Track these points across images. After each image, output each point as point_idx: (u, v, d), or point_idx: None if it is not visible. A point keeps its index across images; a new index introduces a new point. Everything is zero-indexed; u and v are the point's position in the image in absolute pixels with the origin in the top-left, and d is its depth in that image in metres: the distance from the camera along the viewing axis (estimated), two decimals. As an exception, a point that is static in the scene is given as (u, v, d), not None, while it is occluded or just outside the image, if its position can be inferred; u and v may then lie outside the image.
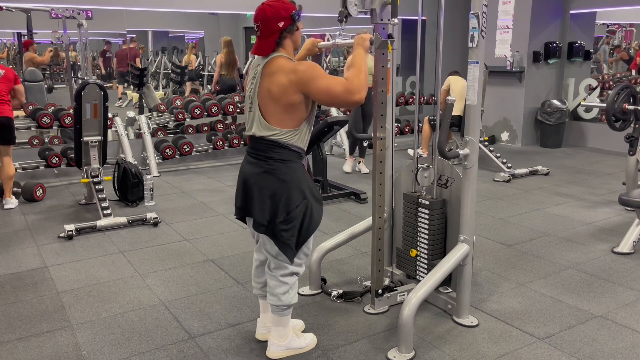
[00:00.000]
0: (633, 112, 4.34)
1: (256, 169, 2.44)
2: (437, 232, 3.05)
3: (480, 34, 2.67)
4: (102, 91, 4.69)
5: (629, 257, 3.91)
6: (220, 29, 10.30)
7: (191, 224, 4.71)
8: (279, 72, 2.33)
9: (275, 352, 2.64)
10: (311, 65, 2.35)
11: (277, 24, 2.32)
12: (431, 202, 3.01)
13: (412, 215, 3.14)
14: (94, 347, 2.76)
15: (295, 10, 2.36)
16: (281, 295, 2.53)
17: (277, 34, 2.34)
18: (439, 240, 3.08)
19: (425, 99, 8.29)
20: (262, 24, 2.34)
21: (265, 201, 2.40)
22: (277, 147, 2.40)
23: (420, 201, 3.07)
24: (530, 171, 6.38)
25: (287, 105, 2.34)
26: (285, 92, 2.31)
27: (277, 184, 2.40)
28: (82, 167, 4.90)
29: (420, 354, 2.68)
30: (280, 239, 2.44)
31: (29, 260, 3.90)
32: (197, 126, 7.24)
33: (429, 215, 3.03)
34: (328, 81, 2.33)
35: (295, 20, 2.36)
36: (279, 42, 2.37)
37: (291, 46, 2.42)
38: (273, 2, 2.35)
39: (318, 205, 2.52)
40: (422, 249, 3.11)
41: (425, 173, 2.99)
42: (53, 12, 5.69)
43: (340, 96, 2.32)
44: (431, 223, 3.03)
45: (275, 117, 2.37)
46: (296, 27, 2.39)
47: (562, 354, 2.67)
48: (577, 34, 8.23)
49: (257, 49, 2.40)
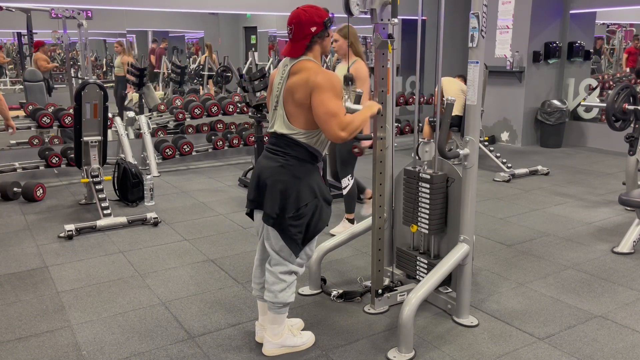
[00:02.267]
0: (633, 112, 4.34)
1: (272, 163, 2.50)
2: (438, 206, 3.03)
3: (480, 34, 2.67)
4: (102, 91, 4.69)
5: (629, 257, 3.91)
6: (220, 29, 10.31)
7: (191, 224, 4.71)
8: (302, 73, 2.40)
9: (270, 350, 2.66)
10: (331, 77, 2.40)
11: (310, 28, 2.41)
12: (432, 177, 2.98)
13: (413, 190, 3.12)
14: (94, 347, 2.76)
15: (328, 17, 2.45)
16: (278, 293, 2.55)
17: (308, 38, 2.43)
18: (440, 215, 3.05)
19: (425, 99, 8.29)
20: (295, 27, 2.43)
21: (277, 195, 2.45)
22: (296, 146, 2.47)
23: (421, 176, 3.06)
24: (530, 171, 6.38)
25: (306, 106, 2.39)
26: (304, 93, 2.37)
27: (290, 179, 2.46)
28: (82, 167, 4.90)
29: (420, 353, 2.68)
30: (288, 233, 2.49)
31: (29, 260, 3.90)
32: (197, 126, 7.24)
33: (429, 189, 3.00)
34: (332, 100, 2.36)
35: (327, 27, 2.46)
36: (309, 46, 2.45)
37: (319, 51, 2.50)
38: (308, 7, 2.45)
39: (327, 207, 2.58)
40: (422, 224, 3.09)
41: (426, 147, 2.97)
42: (53, 12, 5.69)
43: (331, 121, 2.35)
44: (432, 197, 3.00)
45: (297, 117, 2.43)
46: (327, 34, 2.49)
47: (562, 354, 2.68)
48: (577, 34, 8.23)
49: (288, 51, 2.48)
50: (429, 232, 3.05)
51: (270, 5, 7.76)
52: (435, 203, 3.01)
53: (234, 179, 6.26)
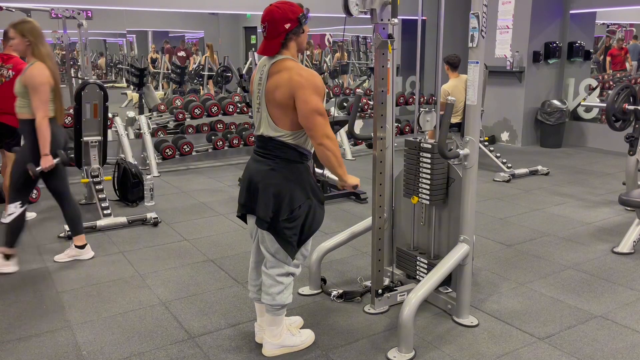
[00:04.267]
0: (633, 112, 4.34)
1: (262, 166, 2.47)
2: (439, 176, 3.02)
3: (480, 34, 2.67)
4: (102, 91, 4.69)
5: (629, 257, 3.91)
6: (220, 29, 10.30)
7: (191, 224, 4.71)
8: (283, 73, 2.36)
9: (270, 350, 2.66)
10: (312, 75, 2.37)
11: (284, 25, 2.36)
12: (433, 146, 2.97)
13: (413, 161, 3.11)
14: (94, 347, 2.76)
15: (302, 12, 2.40)
16: (276, 295, 2.55)
17: (283, 35, 2.37)
18: (441, 186, 3.04)
19: (426, 99, 8.29)
20: (269, 25, 2.39)
21: (270, 198, 2.43)
22: (285, 148, 2.44)
23: (422, 145, 3.05)
24: (530, 171, 6.38)
25: (290, 107, 2.36)
26: (285, 94, 2.34)
27: (282, 182, 2.44)
28: (82, 167, 4.90)
29: (420, 353, 2.68)
30: (283, 236, 2.47)
31: (29, 260, 3.90)
32: (197, 126, 7.24)
33: (431, 159, 3.00)
34: (315, 97, 2.33)
35: (301, 23, 2.40)
36: (284, 44, 2.40)
37: (295, 48, 2.45)
38: (281, 3, 2.40)
39: (321, 207, 2.56)
40: (423, 194, 3.07)
41: (427, 117, 2.95)
42: (53, 12, 5.68)
43: (316, 118, 2.32)
44: (433, 167, 2.99)
45: (281, 118, 2.40)
46: (302, 30, 2.43)
47: (562, 354, 2.68)
48: (577, 34, 8.23)
49: (263, 49, 2.44)
50: (430, 202, 3.04)
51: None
52: (437, 172, 3.00)
53: (234, 179, 6.26)
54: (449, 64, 6.27)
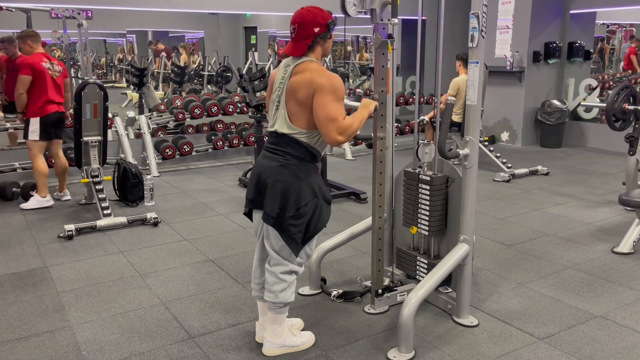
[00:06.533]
0: (633, 112, 4.34)
1: (272, 162, 2.51)
2: (438, 208, 3.03)
3: (480, 34, 2.67)
4: (102, 91, 4.69)
5: (629, 257, 3.91)
6: (220, 29, 10.31)
7: (191, 224, 4.71)
8: (306, 73, 2.42)
9: (270, 350, 2.67)
10: (334, 79, 2.41)
11: (313, 28, 2.44)
12: (432, 178, 2.99)
13: (413, 192, 3.12)
14: (94, 347, 2.76)
15: (332, 19, 2.48)
16: (279, 293, 2.55)
17: (311, 38, 2.45)
18: (440, 217, 3.05)
19: (425, 99, 8.29)
20: (298, 27, 2.45)
21: (277, 194, 2.46)
22: (297, 145, 2.48)
23: (421, 177, 3.06)
24: (530, 171, 6.38)
25: (308, 106, 2.41)
26: (306, 93, 2.39)
27: (290, 179, 2.46)
28: (82, 167, 4.90)
29: (420, 353, 2.68)
30: (288, 233, 2.50)
31: (29, 260, 3.90)
32: (197, 126, 7.24)
33: (430, 191, 3.00)
34: (333, 103, 2.37)
35: (329, 29, 2.48)
36: (311, 47, 2.47)
37: (321, 52, 2.53)
38: (312, 8, 2.48)
39: (327, 206, 2.59)
40: (422, 225, 3.08)
41: (426, 149, 2.97)
42: (53, 12, 5.69)
43: (330, 125, 2.37)
44: (432, 199, 3.00)
45: (299, 117, 2.44)
46: (329, 36, 2.51)
47: (562, 354, 2.68)
48: (577, 34, 8.23)
49: (290, 50, 2.50)
50: (429, 233, 3.05)
51: (270, 5, 7.77)
52: (435, 205, 3.01)
53: (234, 179, 6.26)
54: (463, 60, 6.27)
